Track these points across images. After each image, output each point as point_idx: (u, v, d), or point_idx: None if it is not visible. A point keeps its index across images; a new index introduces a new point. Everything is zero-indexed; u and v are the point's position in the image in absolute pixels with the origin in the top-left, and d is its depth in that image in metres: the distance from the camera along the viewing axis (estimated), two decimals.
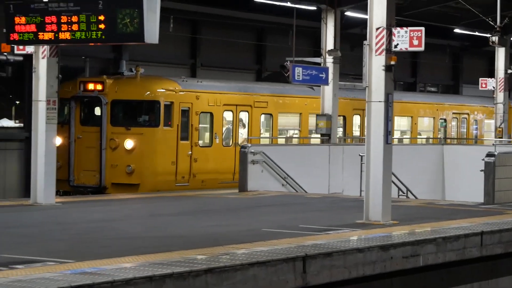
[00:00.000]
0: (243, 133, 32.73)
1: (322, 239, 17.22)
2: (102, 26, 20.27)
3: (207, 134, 31.26)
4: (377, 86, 20.32)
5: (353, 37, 39.43)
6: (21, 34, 21.55)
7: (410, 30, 20.10)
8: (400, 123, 40.25)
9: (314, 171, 30.73)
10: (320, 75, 33.20)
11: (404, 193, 31.95)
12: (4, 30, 21.86)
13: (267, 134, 33.96)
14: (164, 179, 28.56)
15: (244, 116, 32.51)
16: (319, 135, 34.53)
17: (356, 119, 37.25)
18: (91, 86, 29.12)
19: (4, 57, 27.31)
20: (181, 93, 29.94)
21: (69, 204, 24.29)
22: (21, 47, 24.03)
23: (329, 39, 34.01)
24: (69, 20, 20.72)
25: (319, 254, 15.37)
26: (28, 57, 29.42)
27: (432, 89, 55.44)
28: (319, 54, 34.75)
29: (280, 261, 14.68)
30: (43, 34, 21.30)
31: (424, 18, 38.23)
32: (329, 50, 33.83)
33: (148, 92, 29.22)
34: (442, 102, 43.90)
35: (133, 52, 35.30)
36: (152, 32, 19.89)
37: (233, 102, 32.07)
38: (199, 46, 40.93)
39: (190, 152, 29.57)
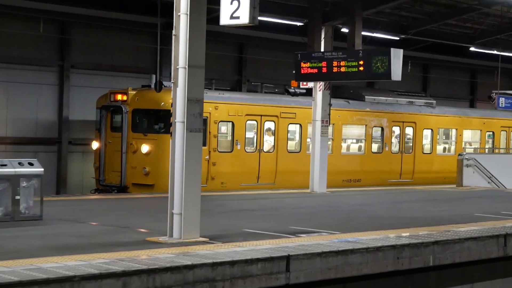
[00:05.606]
0: (270, 140, 26.39)
1: None
2: (361, 68, 20.36)
3: (228, 141, 25.44)
4: None
5: None
6: (305, 74, 21.87)
7: None
8: None
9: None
10: None
11: None
12: (294, 71, 22.24)
13: (294, 142, 27.34)
14: None
15: (271, 125, 26.31)
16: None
17: (395, 130, 31.03)
18: (118, 97, 24.48)
19: (292, 90, 27.52)
20: None
21: (336, 192, 24.27)
22: (305, 83, 24.38)
23: None
24: (338, 64, 20.88)
25: None
26: None
27: None
28: None
29: (487, 237, 14.24)
30: (320, 74, 21.55)
31: None
32: None
33: (163, 102, 23.81)
34: None
35: (382, 85, 35.19)
36: (396, 72, 19.85)
37: (257, 113, 25.90)
38: (429, 83, 40.56)
39: (207, 157, 24.12)
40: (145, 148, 23.65)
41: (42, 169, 14.84)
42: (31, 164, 14.73)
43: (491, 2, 27.88)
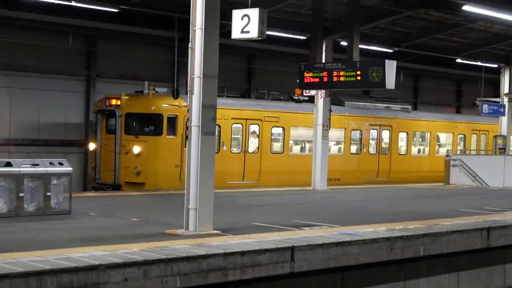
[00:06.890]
0: (254, 142, 25.72)
1: (500, 217, 16.52)
2: (359, 78, 20.31)
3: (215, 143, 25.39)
4: None
5: None
6: (308, 83, 21.85)
7: None
8: None
9: (493, 172, 29.35)
10: (500, 110, 32.30)
11: None
12: (297, 81, 22.23)
13: (279, 144, 26.62)
14: (167, 179, 22.93)
15: (255, 128, 25.66)
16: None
17: (373, 133, 30.22)
18: (112, 102, 23.83)
19: (296, 97, 27.47)
20: (186, 107, 22.64)
21: (336, 190, 24.27)
22: (307, 91, 24.36)
23: (505, 86, 33.04)
24: (338, 74, 20.84)
25: (497, 227, 14.78)
26: None
27: None
28: (498, 96, 33.72)
29: (472, 230, 14.20)
30: (321, 83, 21.52)
31: None
32: (505, 93, 32.86)
33: (154, 107, 23.50)
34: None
35: (377, 93, 35.15)
36: (390, 81, 19.78)
37: (243, 117, 25.26)
38: (420, 91, 40.53)
39: None
40: (136, 149, 23.20)
41: (71, 168, 14.87)
42: (61, 163, 14.77)
43: (475, 18, 27.83)
